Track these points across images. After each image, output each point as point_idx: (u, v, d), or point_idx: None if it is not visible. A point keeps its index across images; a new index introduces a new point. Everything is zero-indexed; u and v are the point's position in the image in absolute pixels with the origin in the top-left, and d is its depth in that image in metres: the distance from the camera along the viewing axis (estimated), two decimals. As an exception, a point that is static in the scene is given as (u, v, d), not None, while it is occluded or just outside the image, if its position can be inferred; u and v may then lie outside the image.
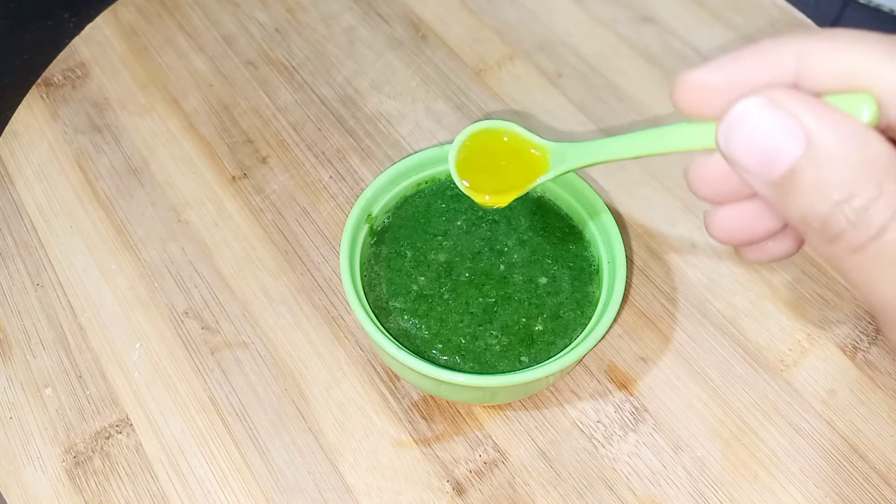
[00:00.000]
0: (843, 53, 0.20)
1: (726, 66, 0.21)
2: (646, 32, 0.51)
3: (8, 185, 0.45)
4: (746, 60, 0.21)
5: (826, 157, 0.18)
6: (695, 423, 0.37)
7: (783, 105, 0.19)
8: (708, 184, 0.23)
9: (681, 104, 0.22)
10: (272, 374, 0.38)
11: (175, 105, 0.48)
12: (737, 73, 0.21)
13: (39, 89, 0.49)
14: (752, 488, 0.35)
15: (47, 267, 0.42)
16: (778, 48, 0.20)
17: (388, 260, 0.37)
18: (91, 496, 0.35)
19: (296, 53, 0.50)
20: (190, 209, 0.44)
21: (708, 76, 0.21)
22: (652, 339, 0.39)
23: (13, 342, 0.40)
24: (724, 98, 0.21)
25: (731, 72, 0.21)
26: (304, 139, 0.46)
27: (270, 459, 0.36)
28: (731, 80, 0.21)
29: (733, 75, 0.21)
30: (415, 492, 0.35)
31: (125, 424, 0.37)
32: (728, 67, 0.21)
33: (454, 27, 0.51)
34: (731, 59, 0.21)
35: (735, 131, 0.20)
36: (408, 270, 0.37)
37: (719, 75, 0.21)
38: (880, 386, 0.38)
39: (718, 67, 0.21)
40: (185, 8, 0.52)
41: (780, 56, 0.20)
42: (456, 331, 0.35)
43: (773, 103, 0.19)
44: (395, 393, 0.38)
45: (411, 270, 0.37)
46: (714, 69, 0.21)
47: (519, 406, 0.37)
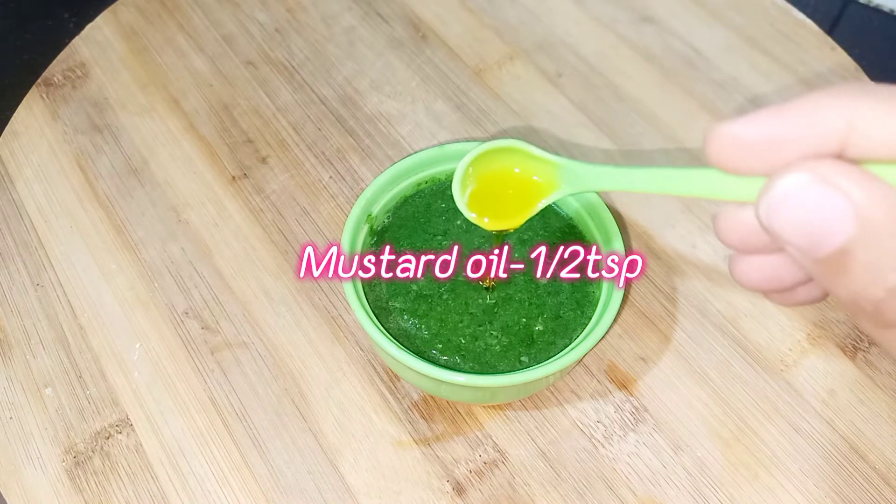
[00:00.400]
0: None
1: (767, 120, 0.19)
2: (646, 32, 0.51)
3: (8, 185, 0.45)
4: (790, 117, 0.19)
5: (881, 237, 0.17)
6: (695, 423, 0.37)
7: (832, 181, 0.17)
8: (739, 235, 0.22)
9: (714, 157, 0.20)
10: (272, 374, 0.38)
11: (175, 105, 0.48)
12: (779, 130, 0.19)
13: (39, 89, 0.49)
14: (752, 488, 0.35)
15: (47, 267, 0.42)
16: (825, 106, 0.18)
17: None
18: (91, 496, 0.35)
19: (296, 53, 0.50)
20: (190, 209, 0.44)
21: (746, 131, 0.19)
22: (652, 339, 0.39)
23: (13, 342, 0.40)
24: (764, 156, 0.19)
25: (772, 128, 0.19)
26: (304, 139, 0.46)
27: (270, 459, 0.36)
28: (773, 136, 0.19)
29: (775, 132, 0.19)
30: (415, 492, 0.35)
31: (125, 424, 0.37)
32: (769, 122, 0.19)
33: (454, 27, 0.51)
34: (772, 114, 0.19)
35: (779, 209, 0.18)
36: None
37: (759, 131, 0.19)
38: (880, 386, 0.38)
39: (758, 122, 0.19)
40: (185, 8, 0.52)
41: (828, 115, 0.18)
42: (456, 331, 0.35)
43: (822, 179, 0.18)
44: (395, 393, 0.38)
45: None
46: (753, 124, 0.19)
47: (519, 406, 0.37)
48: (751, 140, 0.19)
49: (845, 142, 0.18)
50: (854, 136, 0.18)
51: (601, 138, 0.46)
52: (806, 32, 0.51)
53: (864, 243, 0.17)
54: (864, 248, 0.17)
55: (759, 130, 0.19)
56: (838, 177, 0.17)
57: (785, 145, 0.19)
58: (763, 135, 0.19)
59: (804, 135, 0.18)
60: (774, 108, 0.19)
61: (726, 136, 0.19)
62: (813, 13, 0.52)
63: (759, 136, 0.19)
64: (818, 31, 0.51)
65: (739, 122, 0.19)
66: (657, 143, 0.46)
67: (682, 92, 0.48)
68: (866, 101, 0.18)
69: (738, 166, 0.20)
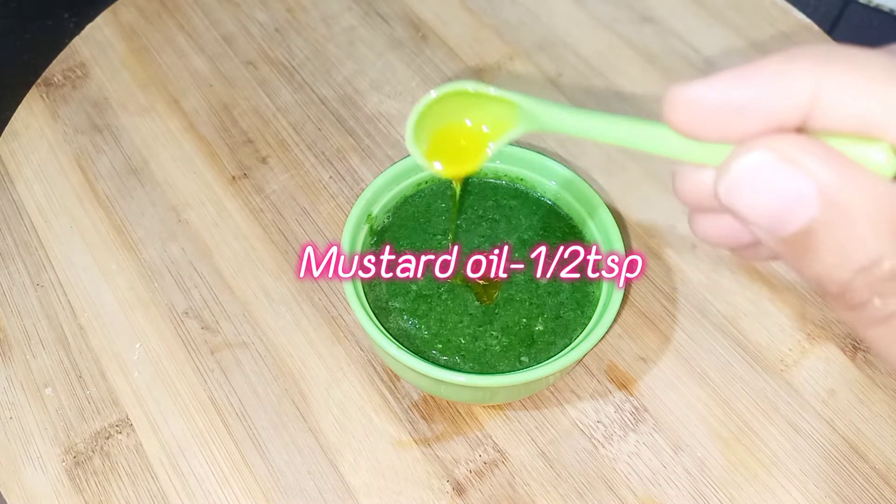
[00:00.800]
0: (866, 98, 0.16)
1: (729, 85, 0.18)
2: (646, 32, 0.51)
3: (8, 185, 0.45)
4: (753, 81, 0.18)
5: (845, 219, 0.16)
6: (695, 423, 0.37)
7: (795, 159, 0.17)
8: (697, 197, 0.21)
9: (672, 121, 0.19)
10: (272, 374, 0.38)
11: (175, 105, 0.48)
12: (741, 94, 0.18)
13: (39, 89, 0.49)
14: (752, 488, 0.35)
15: (47, 267, 0.42)
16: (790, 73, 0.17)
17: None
18: (91, 496, 0.35)
19: (296, 53, 0.50)
20: (190, 209, 0.44)
21: (706, 93, 0.18)
22: (652, 339, 0.39)
23: (13, 342, 0.40)
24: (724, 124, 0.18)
25: (733, 91, 0.18)
26: (304, 139, 0.46)
27: (270, 459, 0.36)
28: (734, 103, 0.18)
29: (736, 96, 0.18)
30: (415, 492, 0.35)
31: (125, 424, 0.37)
32: (731, 87, 0.18)
33: (454, 27, 0.51)
34: (734, 78, 0.18)
35: (740, 188, 0.18)
36: (408, 270, 0.37)
37: (720, 94, 0.18)
38: (880, 386, 0.38)
39: (720, 86, 0.18)
40: (185, 8, 0.52)
41: (794, 82, 0.17)
42: (456, 331, 0.35)
43: (784, 158, 0.17)
44: (395, 393, 0.38)
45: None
46: (714, 86, 0.18)
47: (519, 406, 0.37)
48: (711, 105, 0.18)
49: (810, 111, 0.17)
50: (820, 107, 0.17)
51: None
52: (806, 32, 0.51)
53: (829, 224, 0.16)
54: (828, 229, 0.16)
55: (720, 96, 0.18)
56: (802, 155, 0.17)
57: (747, 113, 0.18)
58: (724, 100, 0.18)
59: (767, 102, 0.17)
60: (736, 71, 0.18)
61: (685, 101, 0.18)
62: (813, 13, 0.52)
63: (719, 102, 0.18)
64: (818, 31, 0.51)
65: (700, 85, 0.18)
66: (657, 143, 0.46)
67: (682, 92, 0.48)
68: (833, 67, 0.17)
69: (697, 132, 0.19)
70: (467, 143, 0.27)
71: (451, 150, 0.27)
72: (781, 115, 0.17)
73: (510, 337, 0.35)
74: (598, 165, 0.45)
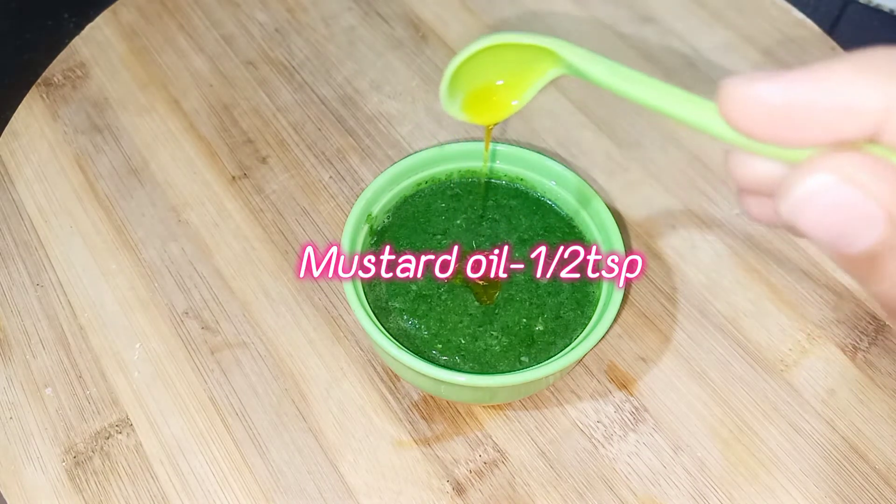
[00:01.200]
0: None
1: (794, 84, 0.17)
2: (646, 32, 0.51)
3: (8, 185, 0.45)
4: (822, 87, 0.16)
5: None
6: (695, 423, 0.37)
7: (859, 181, 0.16)
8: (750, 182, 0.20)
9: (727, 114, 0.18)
10: (272, 374, 0.38)
11: (175, 105, 0.48)
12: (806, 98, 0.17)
13: (39, 89, 0.49)
14: (752, 488, 0.35)
15: (47, 267, 0.42)
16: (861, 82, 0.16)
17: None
18: (91, 496, 0.35)
19: (296, 53, 0.50)
20: (190, 209, 0.44)
21: (770, 93, 0.17)
22: (652, 339, 0.39)
23: (13, 342, 0.40)
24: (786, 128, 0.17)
25: (799, 94, 0.17)
26: (304, 139, 0.46)
27: (270, 459, 0.36)
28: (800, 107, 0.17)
29: (803, 102, 0.17)
30: (415, 492, 0.35)
31: (125, 424, 0.37)
32: (798, 90, 0.17)
33: (454, 27, 0.51)
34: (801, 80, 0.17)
35: (803, 208, 0.17)
36: (408, 270, 0.37)
37: (785, 98, 0.17)
38: (880, 386, 0.38)
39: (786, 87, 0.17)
40: (185, 8, 0.52)
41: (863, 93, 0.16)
42: (456, 331, 0.35)
43: (848, 179, 0.16)
44: (395, 393, 0.38)
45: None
46: (781, 87, 0.17)
47: (519, 406, 0.37)
48: (774, 106, 0.17)
49: (881, 126, 0.16)
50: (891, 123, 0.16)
51: (601, 138, 0.46)
52: (806, 32, 0.51)
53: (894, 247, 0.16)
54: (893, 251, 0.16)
55: (786, 97, 0.17)
56: (866, 176, 0.16)
57: (812, 121, 0.17)
58: (789, 103, 0.17)
59: (835, 111, 0.16)
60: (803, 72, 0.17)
61: (745, 97, 0.17)
62: (813, 13, 0.52)
63: (784, 104, 0.17)
64: (818, 31, 0.51)
65: (763, 83, 0.17)
66: (657, 143, 0.46)
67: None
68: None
69: (752, 131, 0.18)
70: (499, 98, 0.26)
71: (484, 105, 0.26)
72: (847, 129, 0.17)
73: (510, 337, 0.35)
74: (598, 165, 0.45)
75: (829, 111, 0.17)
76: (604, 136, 0.46)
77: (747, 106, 0.17)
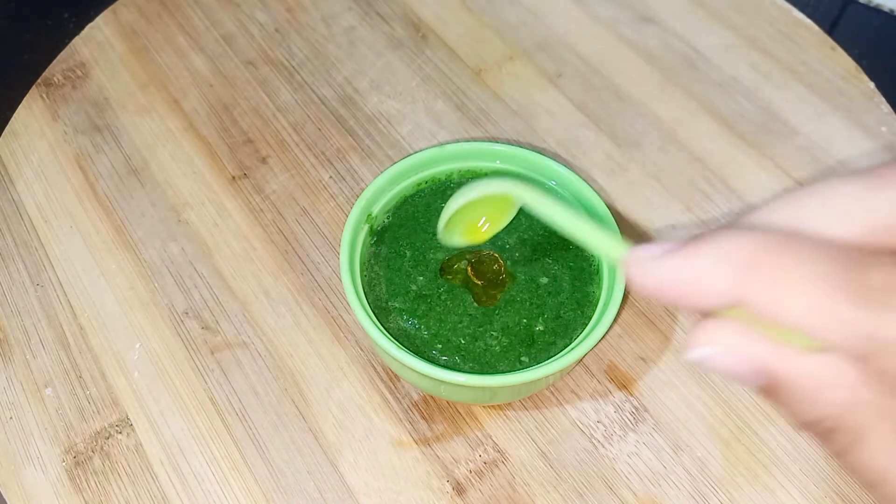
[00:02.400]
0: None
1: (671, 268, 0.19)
2: (646, 32, 0.51)
3: (8, 185, 0.45)
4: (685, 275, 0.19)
5: (786, 385, 0.19)
6: (695, 423, 0.37)
7: (734, 349, 0.19)
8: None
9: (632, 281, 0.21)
10: (272, 374, 0.38)
11: (175, 105, 0.48)
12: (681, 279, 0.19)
13: (39, 89, 0.49)
14: (752, 488, 0.35)
15: (47, 267, 0.42)
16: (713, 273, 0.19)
17: (387, 260, 0.37)
18: (91, 496, 0.35)
19: (296, 53, 0.50)
20: (190, 209, 0.44)
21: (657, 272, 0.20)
22: (652, 339, 0.39)
23: (13, 342, 0.40)
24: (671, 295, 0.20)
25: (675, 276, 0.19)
26: (304, 139, 0.46)
27: (270, 459, 0.36)
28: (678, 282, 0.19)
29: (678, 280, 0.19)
30: (415, 492, 0.35)
31: (125, 424, 0.37)
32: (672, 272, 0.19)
33: (454, 27, 0.51)
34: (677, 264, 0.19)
35: (701, 366, 0.20)
36: (407, 270, 0.37)
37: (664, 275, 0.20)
38: (880, 386, 0.38)
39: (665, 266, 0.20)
40: (185, 8, 0.52)
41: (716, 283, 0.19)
42: (456, 331, 0.35)
43: (727, 351, 0.19)
44: (395, 393, 0.38)
45: (410, 270, 0.37)
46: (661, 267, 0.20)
47: (519, 406, 0.37)
48: (661, 282, 0.20)
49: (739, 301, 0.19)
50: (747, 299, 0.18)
51: (601, 138, 0.46)
52: (806, 32, 0.51)
53: (777, 389, 0.19)
54: (777, 392, 0.19)
55: (663, 277, 0.20)
56: (739, 344, 0.19)
57: (689, 296, 0.19)
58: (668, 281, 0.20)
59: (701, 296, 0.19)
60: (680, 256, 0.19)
61: (639, 275, 0.20)
62: (813, 13, 0.52)
63: (666, 281, 0.20)
64: (818, 31, 0.51)
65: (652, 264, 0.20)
66: (657, 143, 0.46)
67: (682, 92, 0.48)
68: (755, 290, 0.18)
69: (650, 295, 0.20)
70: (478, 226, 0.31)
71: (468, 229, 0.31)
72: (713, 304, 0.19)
73: (510, 337, 0.35)
74: (598, 165, 0.45)
75: (696, 295, 0.19)
76: (604, 136, 0.46)
77: (639, 278, 0.20)
